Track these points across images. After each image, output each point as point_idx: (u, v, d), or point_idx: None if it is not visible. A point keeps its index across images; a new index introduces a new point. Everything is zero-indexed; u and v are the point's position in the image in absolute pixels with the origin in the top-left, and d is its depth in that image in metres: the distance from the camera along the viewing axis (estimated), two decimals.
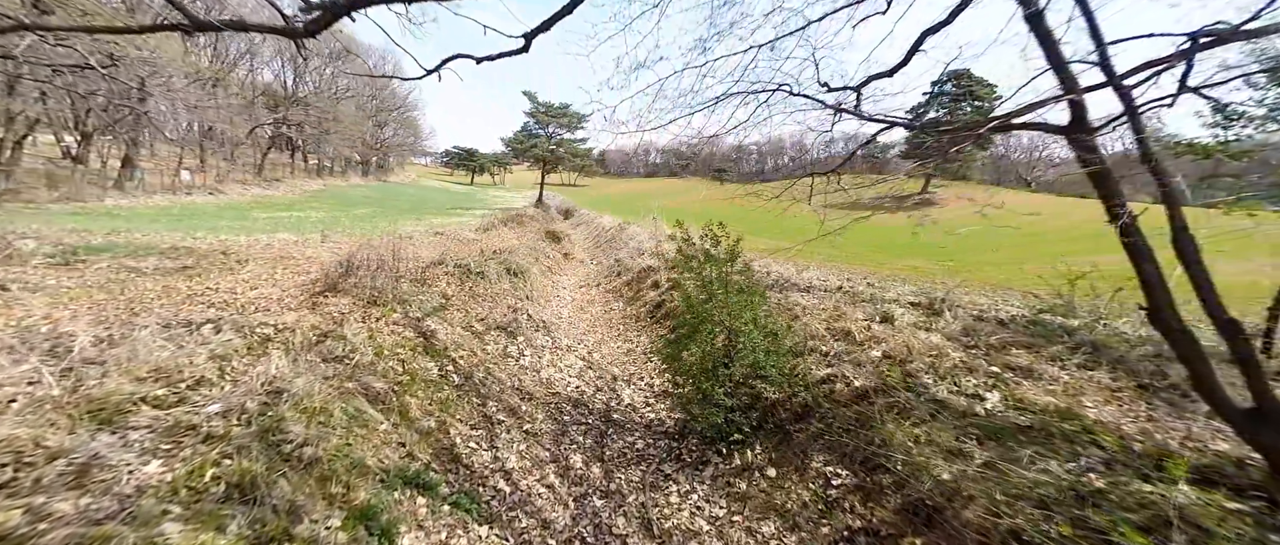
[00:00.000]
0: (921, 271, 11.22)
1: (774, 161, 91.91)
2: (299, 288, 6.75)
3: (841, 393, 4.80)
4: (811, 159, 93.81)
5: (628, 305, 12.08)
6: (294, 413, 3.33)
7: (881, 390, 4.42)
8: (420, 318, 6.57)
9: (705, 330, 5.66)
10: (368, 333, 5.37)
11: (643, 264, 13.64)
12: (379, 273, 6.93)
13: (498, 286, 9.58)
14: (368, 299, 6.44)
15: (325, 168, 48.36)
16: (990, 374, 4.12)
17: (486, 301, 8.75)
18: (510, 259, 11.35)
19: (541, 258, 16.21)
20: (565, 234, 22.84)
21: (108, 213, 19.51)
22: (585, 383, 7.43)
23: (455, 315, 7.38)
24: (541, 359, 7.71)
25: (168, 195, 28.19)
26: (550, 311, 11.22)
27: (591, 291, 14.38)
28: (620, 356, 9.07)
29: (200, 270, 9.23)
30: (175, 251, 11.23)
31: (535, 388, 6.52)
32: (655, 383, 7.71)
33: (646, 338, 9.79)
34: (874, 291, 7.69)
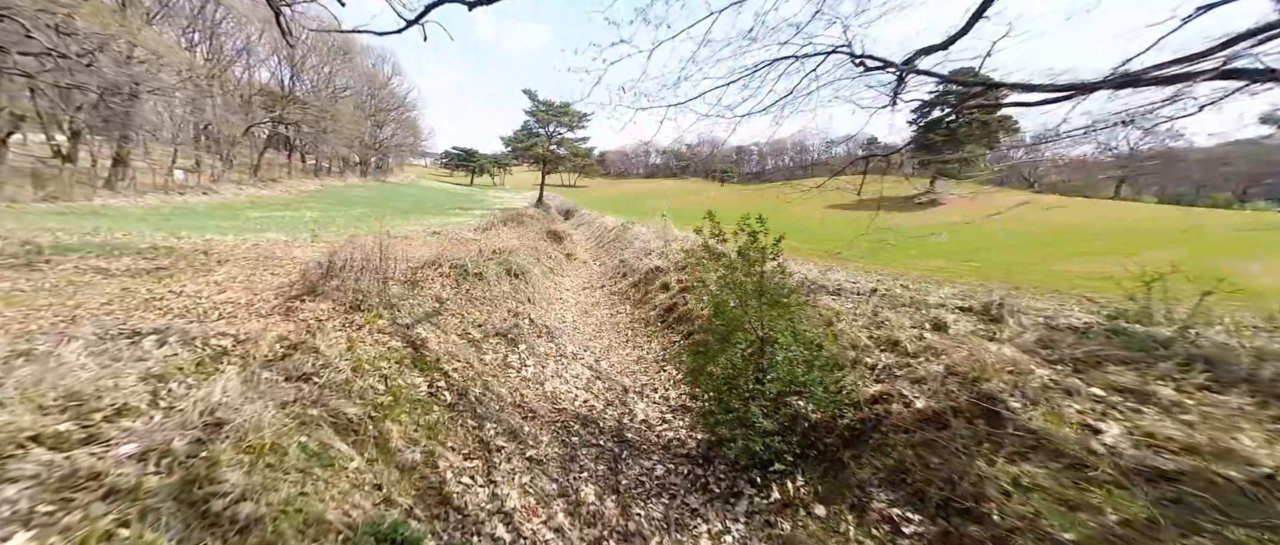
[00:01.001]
0: (948, 272, 10.49)
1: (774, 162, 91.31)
2: (275, 291, 6.00)
3: (901, 415, 4.05)
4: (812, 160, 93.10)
5: (635, 308, 11.34)
6: (234, 453, 2.58)
7: (955, 414, 3.68)
8: (410, 325, 5.82)
9: (736, 339, 4.92)
10: (346, 343, 4.62)
11: (650, 265, 12.90)
12: (364, 274, 6.18)
13: (497, 289, 8.84)
14: (350, 304, 5.69)
15: (323, 168, 47.61)
16: (1095, 398, 3.37)
17: (485, 305, 8.00)
18: (510, 259, 10.61)
19: (543, 258, 15.46)
20: (567, 234, 22.10)
21: (94, 212, 18.77)
22: (594, 396, 6.68)
23: (450, 321, 6.63)
24: (545, 369, 6.96)
25: (160, 195, 27.44)
26: (553, 315, 10.46)
27: (596, 293, 13.64)
28: (630, 365, 8.33)
29: (173, 271, 8.48)
30: (153, 251, 10.49)
31: (539, 403, 5.77)
32: (671, 395, 6.96)
33: (658, 344, 9.04)
34: (913, 295, 6.95)
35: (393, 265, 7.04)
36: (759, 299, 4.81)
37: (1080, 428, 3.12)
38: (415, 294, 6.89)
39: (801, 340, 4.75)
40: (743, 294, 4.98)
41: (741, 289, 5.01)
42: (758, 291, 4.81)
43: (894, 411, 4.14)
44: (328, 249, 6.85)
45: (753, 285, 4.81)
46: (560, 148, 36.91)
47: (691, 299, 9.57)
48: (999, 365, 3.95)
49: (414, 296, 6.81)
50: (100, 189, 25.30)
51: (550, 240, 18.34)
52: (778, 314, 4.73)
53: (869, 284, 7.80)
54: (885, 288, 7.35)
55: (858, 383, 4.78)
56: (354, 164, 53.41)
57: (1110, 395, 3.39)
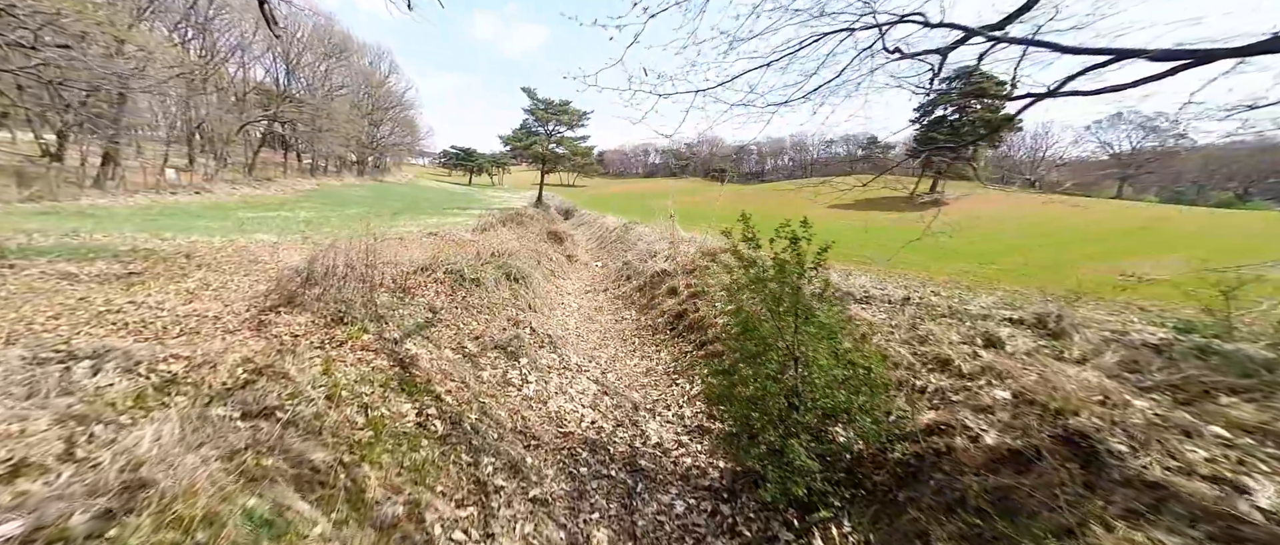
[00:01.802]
0: (974, 276, 9.89)
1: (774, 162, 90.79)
2: (250, 301, 5.37)
3: (968, 452, 3.45)
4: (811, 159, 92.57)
5: (641, 314, 10.73)
6: (151, 532, 1.96)
7: (1039, 455, 3.08)
8: (399, 339, 5.20)
9: (768, 360, 4.31)
10: (323, 365, 4.00)
11: (656, 268, 12.29)
12: (349, 282, 5.56)
13: (496, 295, 8.22)
14: (332, 316, 5.07)
15: (319, 167, 46.88)
16: (1222, 441, 2.78)
17: (483, 314, 7.38)
18: (510, 263, 9.99)
19: (544, 260, 14.84)
20: (567, 235, 21.48)
21: (79, 212, 18.10)
22: (602, 415, 6.07)
23: (444, 334, 6.01)
24: (548, 384, 6.35)
25: (150, 194, 26.74)
26: (556, 322, 9.84)
27: (599, 297, 13.03)
28: (639, 377, 7.72)
29: (146, 277, 7.84)
30: (131, 254, 9.84)
31: (542, 427, 5.16)
32: (685, 413, 6.36)
33: (667, 353, 8.44)
34: (950, 303, 6.36)
35: (381, 272, 6.42)
36: (796, 315, 4.20)
37: (1215, 482, 2.52)
38: (406, 303, 6.28)
39: (844, 360, 4.15)
40: (775, 308, 4.37)
41: (773, 301, 4.40)
42: (795, 307, 4.20)
43: (958, 446, 3.54)
44: (312, 253, 6.22)
45: (791, 300, 4.20)
46: (559, 147, 36.25)
47: (703, 305, 8.98)
48: (1083, 394, 3.35)
49: (405, 306, 6.19)
50: (89, 189, 24.61)
51: (551, 241, 17.72)
52: (817, 332, 4.13)
53: (899, 290, 7.20)
54: (918, 295, 6.76)
55: (908, 409, 4.18)
56: (351, 163, 52.68)
57: (1238, 437, 2.80)
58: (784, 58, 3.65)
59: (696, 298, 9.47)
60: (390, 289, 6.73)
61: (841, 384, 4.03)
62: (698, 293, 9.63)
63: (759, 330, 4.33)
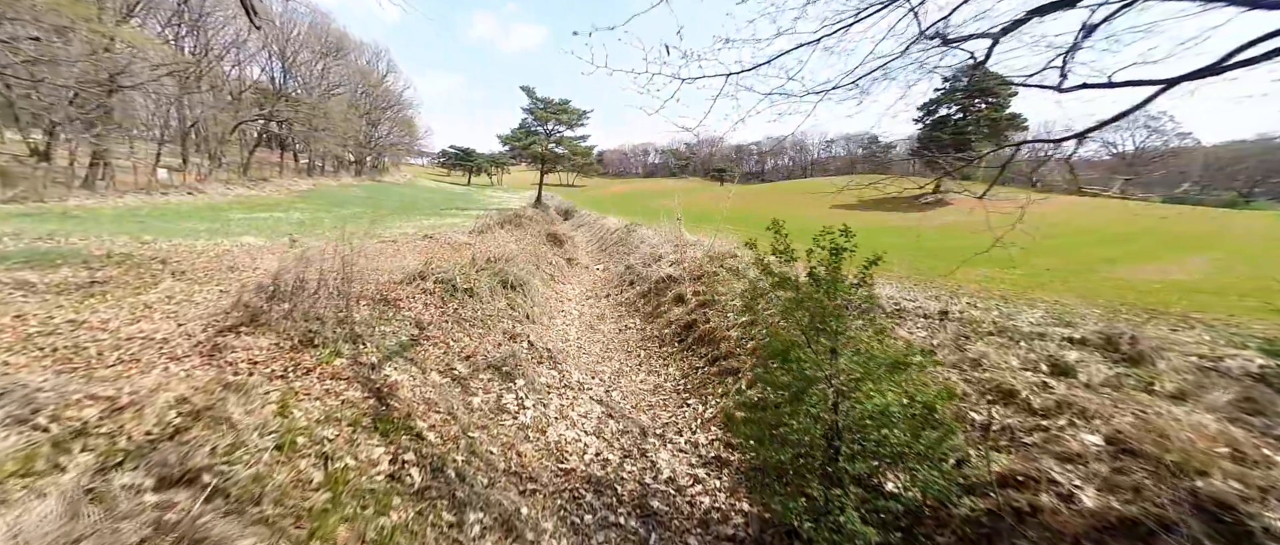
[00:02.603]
0: (1000, 284, 9.25)
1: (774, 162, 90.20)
2: (208, 320, 4.71)
3: (1059, 515, 2.81)
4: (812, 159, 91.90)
5: (646, 323, 10.08)
6: None
7: (1165, 528, 2.43)
8: (377, 363, 4.54)
9: (810, 395, 3.65)
10: (279, 403, 3.34)
11: (660, 273, 11.63)
12: (320, 297, 4.89)
13: (491, 306, 7.56)
14: (300, 338, 4.41)
15: (317, 167, 46.17)
16: None
17: (476, 328, 6.72)
18: (507, 269, 9.33)
19: (543, 265, 14.18)
20: (567, 236, 20.81)
21: (63, 213, 17.40)
22: (607, 443, 5.42)
23: (431, 354, 5.35)
24: (547, 408, 5.69)
25: (141, 195, 26.03)
26: (556, 333, 9.18)
27: (600, 303, 12.37)
28: (646, 394, 7.07)
29: (110, 287, 7.18)
30: (103, 260, 9.16)
31: (540, 463, 4.50)
32: (700, 440, 5.71)
33: (676, 368, 7.79)
34: (994, 318, 5.70)
35: (364, 283, 5.76)
36: (837, 341, 3.54)
37: None
38: (390, 319, 5.61)
39: (898, 394, 3.49)
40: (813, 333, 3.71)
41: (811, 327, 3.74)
42: (837, 331, 3.54)
43: (1045, 506, 2.89)
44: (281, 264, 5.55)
45: (833, 324, 3.54)
46: (559, 146, 35.55)
47: (714, 316, 8.33)
48: (1205, 446, 2.69)
49: (388, 322, 5.53)
50: (78, 189, 23.90)
51: (550, 244, 17.06)
52: (865, 362, 3.47)
53: (930, 301, 6.54)
54: (956, 308, 6.11)
55: (972, 453, 3.53)
56: (349, 163, 51.97)
57: None
58: (835, 32, 3.00)
59: (706, 307, 8.81)
60: (373, 302, 6.07)
61: (896, 423, 3.38)
62: (707, 302, 8.97)
63: (798, 360, 3.66)
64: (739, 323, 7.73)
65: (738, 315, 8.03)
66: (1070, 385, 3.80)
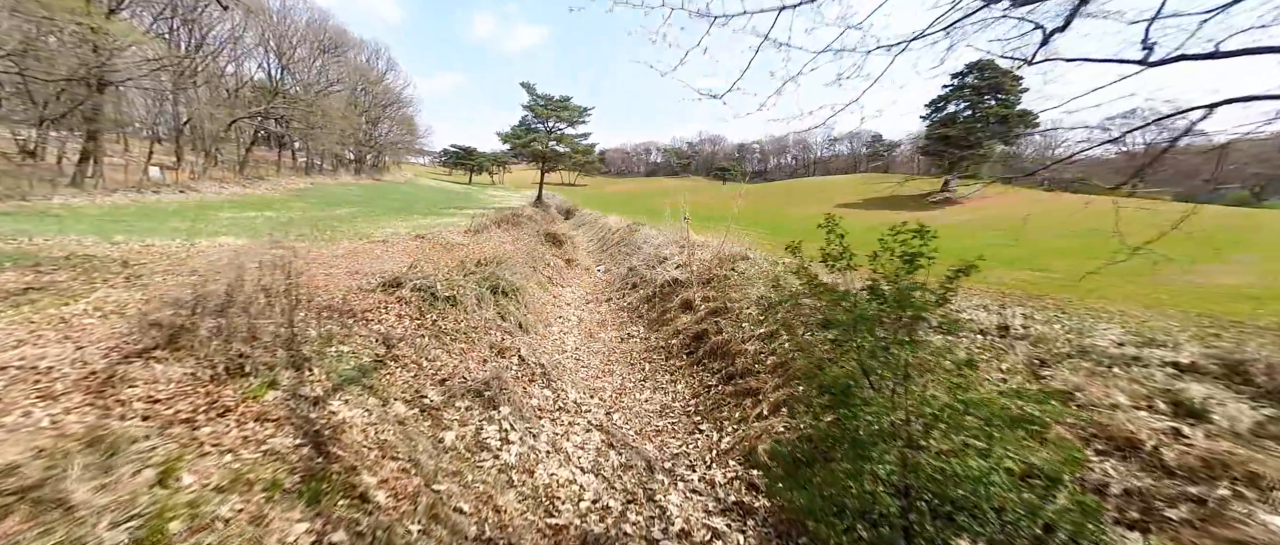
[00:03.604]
0: (1041, 287, 8.33)
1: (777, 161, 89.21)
2: (116, 342, 3.82)
3: None
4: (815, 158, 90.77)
5: (651, 331, 9.18)
6: None
7: None
8: (324, 394, 3.65)
9: (876, 445, 2.74)
10: (163, 466, 2.45)
11: (666, 277, 10.73)
12: (261, 311, 4.00)
13: (477, 316, 6.66)
14: (226, 365, 3.52)
15: (315, 166, 45.37)
16: None
17: (458, 342, 5.82)
18: (499, 273, 8.43)
19: (541, 266, 13.30)
20: (567, 236, 19.92)
21: (44, 212, 16.56)
22: (607, 484, 4.53)
23: (397, 379, 4.46)
24: (537, 440, 4.80)
25: (131, 193, 25.20)
26: (551, 344, 8.29)
27: (601, 308, 11.49)
28: (652, 418, 6.18)
29: (48, 292, 6.31)
30: (59, 262, 8.30)
31: (524, 518, 3.61)
32: (717, 476, 4.82)
33: (686, 385, 6.90)
34: (1063, 333, 4.79)
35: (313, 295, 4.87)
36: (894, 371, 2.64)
37: None
38: (351, 335, 4.72)
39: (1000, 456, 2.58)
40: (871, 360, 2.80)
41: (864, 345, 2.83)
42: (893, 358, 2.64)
43: None
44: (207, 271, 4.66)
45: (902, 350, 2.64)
46: (559, 144, 34.61)
47: (727, 325, 7.42)
48: None
49: (348, 339, 4.64)
50: (66, 187, 23.10)
51: (549, 244, 16.17)
52: (952, 408, 2.56)
53: (983, 313, 5.62)
54: (1017, 320, 5.20)
55: (1086, 523, 2.63)
56: (348, 162, 51.16)
57: None
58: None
59: (718, 315, 7.91)
60: (336, 314, 5.19)
61: (1000, 496, 2.47)
62: (718, 309, 8.07)
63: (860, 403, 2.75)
64: (757, 334, 6.83)
65: (754, 325, 7.12)
66: (1209, 433, 2.89)
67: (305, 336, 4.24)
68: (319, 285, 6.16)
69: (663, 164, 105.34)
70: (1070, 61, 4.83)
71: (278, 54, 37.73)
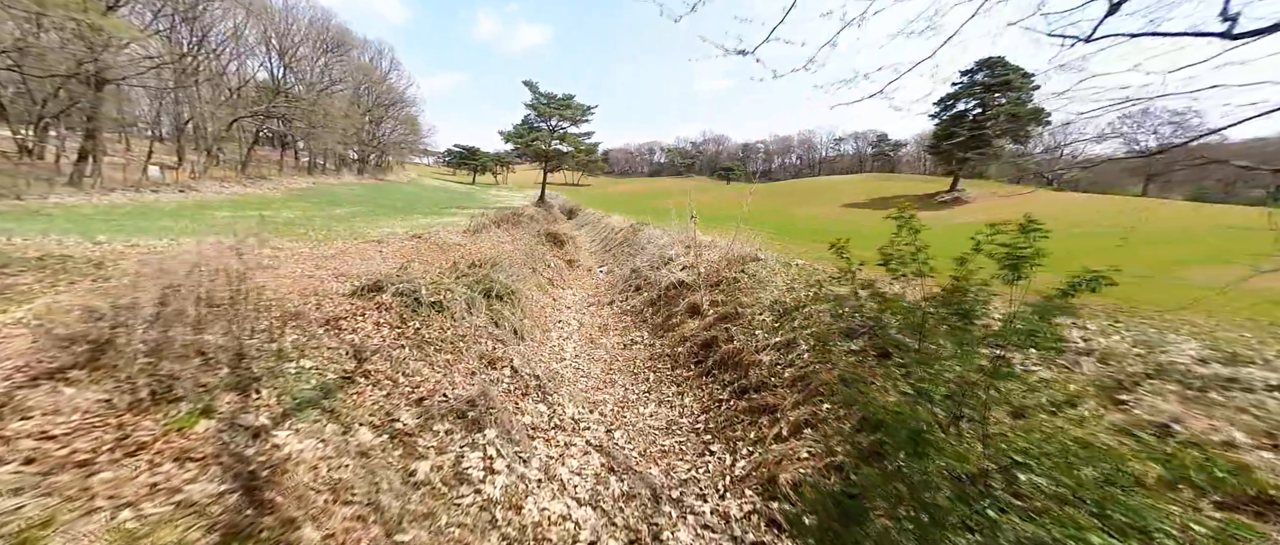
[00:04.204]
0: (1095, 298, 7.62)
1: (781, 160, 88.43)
2: (33, 354, 3.25)
3: None
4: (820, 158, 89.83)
5: (655, 337, 8.58)
6: None
7: None
8: (269, 424, 3.07)
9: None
10: (17, 541, 1.86)
11: (671, 279, 10.11)
12: (201, 321, 3.42)
13: (467, 324, 6.07)
14: (152, 388, 2.94)
15: (318, 166, 45.02)
16: None
17: (443, 353, 5.24)
18: (493, 276, 7.84)
19: (541, 267, 12.72)
20: (569, 236, 19.33)
21: (36, 211, 16.13)
22: (606, 519, 3.92)
23: (366, 399, 3.86)
24: (527, 466, 4.20)
25: (129, 193, 24.82)
26: (548, 351, 7.70)
27: (603, 311, 10.90)
28: (658, 436, 5.57)
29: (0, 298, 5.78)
30: (30, 263, 7.80)
31: None
32: (732, 508, 4.21)
33: (694, 398, 6.29)
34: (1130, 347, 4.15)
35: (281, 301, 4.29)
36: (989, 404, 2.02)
37: None
38: (316, 348, 4.14)
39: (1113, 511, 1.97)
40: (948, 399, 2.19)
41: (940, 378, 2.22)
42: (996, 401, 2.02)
43: None
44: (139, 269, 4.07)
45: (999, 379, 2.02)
46: (562, 143, 34.03)
47: (738, 333, 6.80)
48: None
49: (313, 353, 4.06)
50: (63, 186, 22.73)
51: (550, 244, 15.59)
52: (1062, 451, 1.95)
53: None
54: (1076, 332, 4.56)
55: None
56: (351, 162, 50.79)
57: None
58: None
59: (728, 322, 7.30)
60: (309, 323, 4.61)
61: None
62: (728, 314, 7.46)
63: (931, 446, 2.13)
64: (772, 343, 6.21)
65: (769, 333, 6.50)
66: None
67: (260, 350, 3.66)
68: (291, 289, 5.59)
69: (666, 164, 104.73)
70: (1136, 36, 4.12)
71: (279, 52, 37.35)
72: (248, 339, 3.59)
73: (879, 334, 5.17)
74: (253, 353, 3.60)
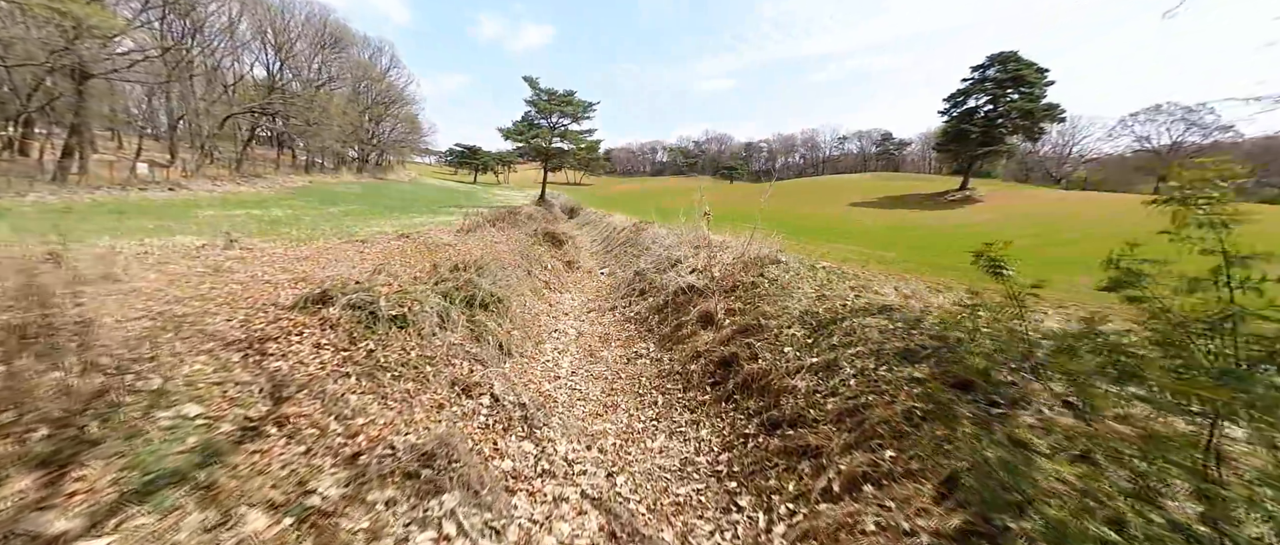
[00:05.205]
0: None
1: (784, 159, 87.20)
2: None
3: None
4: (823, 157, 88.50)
5: (663, 350, 7.48)
6: None
7: None
8: (82, 528, 1.97)
9: None
10: None
11: (680, 282, 9.00)
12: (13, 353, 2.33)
13: (438, 341, 4.97)
14: None
15: (315, 164, 44.02)
16: None
17: (403, 381, 4.15)
18: (478, 282, 6.74)
19: (536, 269, 11.62)
20: (568, 236, 18.22)
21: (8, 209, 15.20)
22: None
23: (270, 462, 2.76)
24: (504, 539, 3.12)
25: (114, 191, 23.83)
26: (540, 368, 6.60)
27: (604, 318, 9.80)
28: (671, 481, 4.47)
29: None
30: None
31: None
32: None
33: (712, 429, 5.19)
34: None
35: (197, 319, 3.21)
36: None
37: None
38: (221, 386, 3.04)
39: None
40: None
41: None
42: None
43: None
44: None
45: None
46: (563, 140, 32.91)
47: (764, 349, 5.68)
48: None
49: (203, 394, 2.96)
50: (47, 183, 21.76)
51: (548, 244, 14.49)
52: None
53: None
54: None
55: None
56: (350, 160, 49.77)
57: None
58: None
59: (749, 335, 6.19)
60: (226, 346, 3.53)
61: None
62: (749, 327, 6.36)
63: None
64: (806, 364, 5.08)
65: (801, 351, 5.36)
66: None
67: (116, 401, 2.56)
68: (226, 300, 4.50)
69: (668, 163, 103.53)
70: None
71: (276, 48, 36.32)
72: (87, 380, 2.49)
73: (956, 358, 4.05)
74: (111, 399, 2.51)
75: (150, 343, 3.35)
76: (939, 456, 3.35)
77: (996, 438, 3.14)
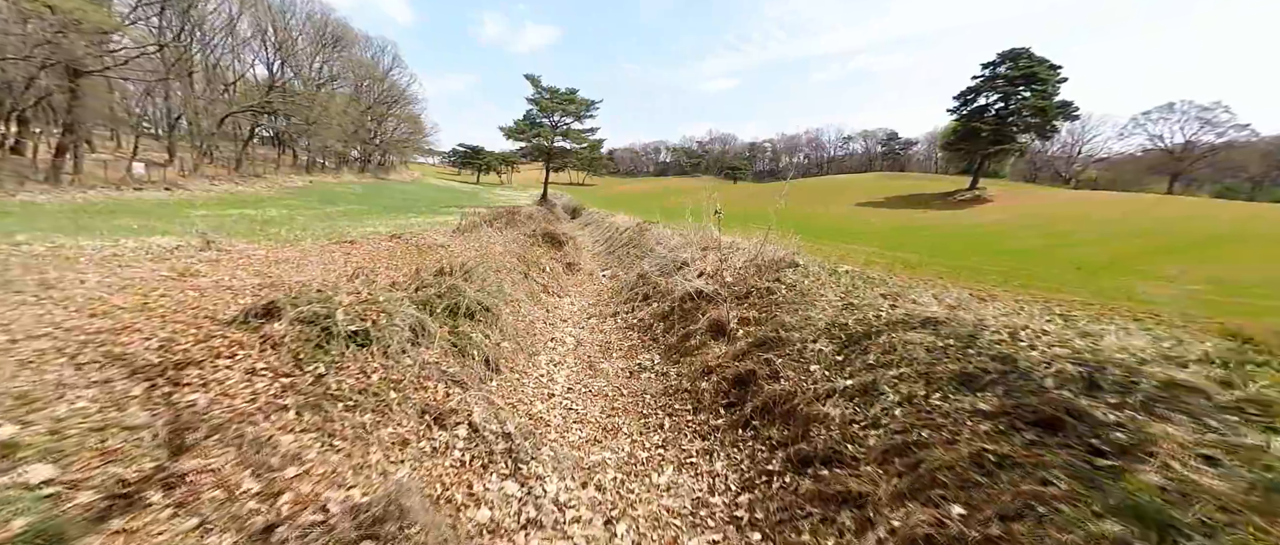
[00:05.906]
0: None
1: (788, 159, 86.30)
2: None
3: None
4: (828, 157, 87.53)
5: (669, 362, 6.74)
6: None
7: None
8: None
9: None
10: None
11: (686, 287, 8.24)
12: None
13: (407, 361, 4.23)
14: None
15: (316, 164, 43.47)
16: None
17: (359, 412, 3.42)
18: (462, 288, 6.00)
19: (534, 272, 10.89)
20: (569, 236, 17.50)
21: None
22: None
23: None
24: None
25: (108, 191, 23.28)
26: (532, 385, 5.86)
27: (605, 324, 9.07)
28: (682, 529, 3.73)
29: None
30: None
31: None
32: None
33: (727, 463, 4.43)
34: None
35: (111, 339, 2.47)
36: None
37: None
38: (100, 433, 2.31)
39: None
40: None
41: None
42: None
43: None
44: None
45: None
46: (565, 139, 32.19)
47: (784, 365, 4.91)
48: None
49: (71, 451, 2.23)
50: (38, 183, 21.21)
51: (547, 245, 13.76)
52: None
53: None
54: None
55: None
56: (352, 161, 49.23)
57: None
58: None
59: (767, 350, 5.44)
60: (129, 373, 2.81)
61: None
62: (768, 341, 5.60)
63: None
64: (840, 388, 4.30)
65: (831, 370, 4.58)
66: None
67: None
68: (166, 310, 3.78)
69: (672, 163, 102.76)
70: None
71: (277, 47, 35.77)
72: None
73: (1031, 387, 3.26)
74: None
75: (34, 370, 2.63)
76: (1028, 522, 2.58)
77: (1113, 502, 2.38)
